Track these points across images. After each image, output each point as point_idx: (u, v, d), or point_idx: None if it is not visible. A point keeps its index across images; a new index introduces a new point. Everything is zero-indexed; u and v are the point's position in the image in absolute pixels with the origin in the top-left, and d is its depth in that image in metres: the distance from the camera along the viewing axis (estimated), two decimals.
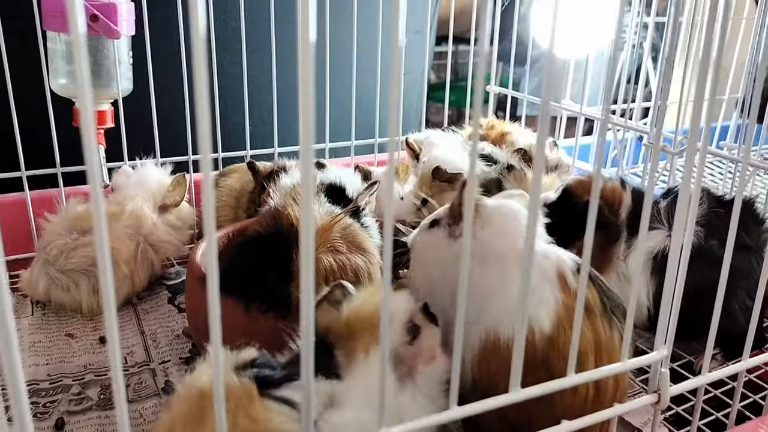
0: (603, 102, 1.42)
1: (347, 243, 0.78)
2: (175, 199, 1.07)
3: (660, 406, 0.55)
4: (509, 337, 0.57)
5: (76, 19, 0.33)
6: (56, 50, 1.08)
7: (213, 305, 0.39)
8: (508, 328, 0.58)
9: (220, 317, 0.75)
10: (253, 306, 0.74)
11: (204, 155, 0.36)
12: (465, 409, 0.46)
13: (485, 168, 1.13)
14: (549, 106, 0.44)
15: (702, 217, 0.84)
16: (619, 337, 0.59)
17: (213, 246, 0.39)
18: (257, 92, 1.29)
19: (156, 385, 0.83)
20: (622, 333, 0.56)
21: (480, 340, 0.59)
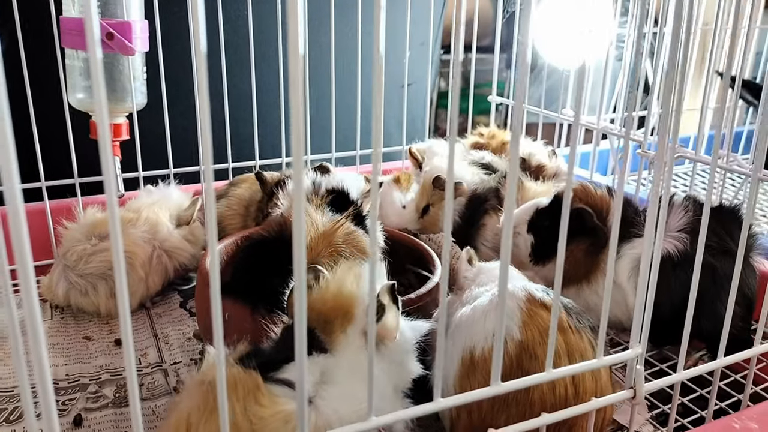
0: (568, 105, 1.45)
1: (350, 247, 0.82)
2: (188, 216, 1.12)
3: (636, 401, 0.59)
4: (483, 348, 0.63)
5: (93, 40, 0.38)
6: (74, 66, 1.14)
7: (215, 306, 0.44)
8: (482, 342, 0.64)
9: (227, 317, 0.80)
10: (259, 308, 0.79)
11: (206, 163, 0.41)
12: (447, 401, 0.50)
13: (484, 176, 1.17)
14: (522, 110, 0.48)
15: (688, 224, 0.87)
16: (588, 341, 0.64)
17: (215, 253, 0.43)
18: (266, 104, 1.34)
19: (168, 385, 0.87)
20: (591, 339, 0.62)
21: (461, 360, 0.65)
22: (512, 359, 0.62)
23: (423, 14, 1.46)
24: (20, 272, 0.38)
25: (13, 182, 0.36)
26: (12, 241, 0.37)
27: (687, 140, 1.57)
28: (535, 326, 0.63)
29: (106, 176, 0.39)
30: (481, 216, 1.11)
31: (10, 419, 0.80)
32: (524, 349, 0.62)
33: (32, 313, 0.39)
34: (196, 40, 0.38)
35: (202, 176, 1.22)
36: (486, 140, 1.36)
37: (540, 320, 0.64)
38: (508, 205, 0.49)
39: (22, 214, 0.37)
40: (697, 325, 0.85)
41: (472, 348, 0.64)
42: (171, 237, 1.08)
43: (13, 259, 0.36)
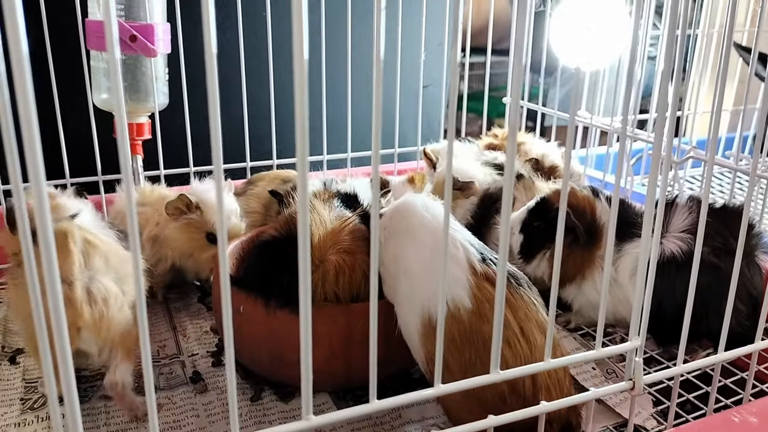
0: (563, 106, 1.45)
1: (357, 244, 0.84)
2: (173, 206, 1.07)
3: (635, 393, 0.60)
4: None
5: (113, 45, 0.40)
6: (98, 68, 1.18)
7: (225, 303, 0.46)
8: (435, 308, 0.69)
9: (241, 311, 0.82)
10: (271, 302, 0.82)
11: (216, 162, 0.43)
12: (447, 387, 0.52)
13: (497, 177, 1.18)
14: (518, 107, 0.49)
15: (692, 225, 0.88)
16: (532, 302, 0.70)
17: (224, 253, 0.46)
18: (284, 103, 1.37)
19: (185, 375, 0.90)
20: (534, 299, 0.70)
21: (421, 320, 0.71)
22: (467, 325, 0.68)
23: (439, 15, 1.49)
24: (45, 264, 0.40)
25: (39, 179, 0.39)
26: (39, 234, 0.40)
27: (703, 143, 1.57)
28: (483, 296, 0.69)
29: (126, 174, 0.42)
30: (492, 215, 1.12)
31: (34, 407, 0.83)
32: (477, 316, 0.68)
33: (56, 306, 0.41)
34: (207, 41, 0.41)
35: (215, 174, 1.25)
36: (500, 141, 1.38)
37: (485, 290, 0.69)
38: (505, 199, 0.51)
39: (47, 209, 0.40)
40: (705, 324, 0.86)
41: (429, 313, 0.70)
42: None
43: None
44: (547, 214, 0.94)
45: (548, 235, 0.93)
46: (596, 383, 0.87)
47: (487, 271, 0.70)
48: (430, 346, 0.69)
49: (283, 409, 0.84)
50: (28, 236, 0.41)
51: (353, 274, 0.82)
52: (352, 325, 0.81)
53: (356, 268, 0.83)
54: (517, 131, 0.50)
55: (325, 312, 0.80)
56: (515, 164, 1.23)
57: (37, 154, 0.39)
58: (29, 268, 0.41)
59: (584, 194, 0.94)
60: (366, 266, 0.84)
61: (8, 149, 0.39)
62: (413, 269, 0.73)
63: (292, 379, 0.85)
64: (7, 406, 0.83)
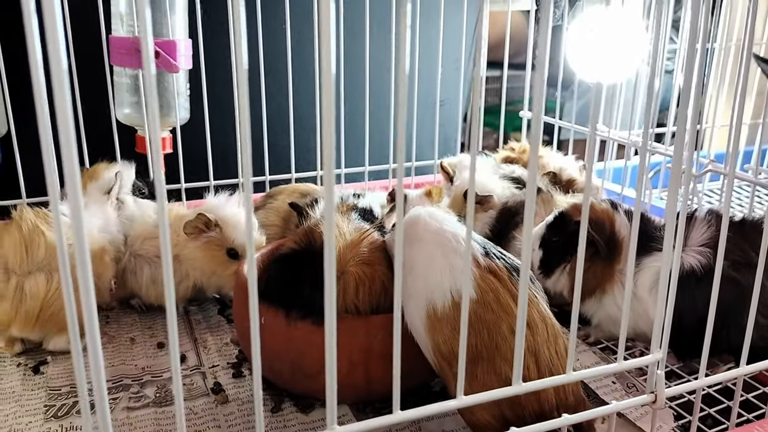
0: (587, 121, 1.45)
1: (376, 256, 0.85)
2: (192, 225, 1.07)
3: (656, 406, 0.60)
4: (444, 305, 0.72)
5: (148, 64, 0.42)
6: (121, 83, 1.20)
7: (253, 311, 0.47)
8: (441, 299, 0.72)
9: (262, 322, 0.83)
10: (292, 313, 0.82)
11: (246, 175, 0.44)
12: (468, 399, 0.52)
13: (515, 191, 1.19)
14: (541, 123, 0.50)
15: (711, 239, 0.88)
16: (533, 295, 0.72)
17: (252, 262, 0.47)
18: (302, 117, 1.39)
19: (206, 386, 0.91)
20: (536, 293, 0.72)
21: (426, 312, 0.74)
22: (472, 314, 0.69)
23: (456, 32, 1.50)
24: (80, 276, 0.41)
25: (76, 192, 0.40)
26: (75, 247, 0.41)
27: (722, 156, 1.57)
28: (486, 285, 0.71)
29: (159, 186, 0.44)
30: (511, 229, 1.12)
31: (58, 415, 0.84)
32: (482, 305, 0.70)
33: (90, 316, 0.42)
34: (238, 55, 0.42)
35: (241, 187, 1.27)
36: (517, 155, 1.39)
37: (489, 281, 0.72)
38: (527, 213, 0.52)
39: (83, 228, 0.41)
40: (725, 338, 0.86)
41: (433, 304, 0.73)
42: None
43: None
44: (566, 228, 0.94)
45: (567, 250, 0.93)
46: (617, 397, 0.87)
47: (490, 263, 0.74)
48: (436, 336, 0.72)
49: (304, 420, 0.84)
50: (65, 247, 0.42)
51: (373, 286, 0.83)
52: (372, 337, 0.81)
53: (376, 280, 0.83)
54: (539, 145, 0.50)
55: (345, 324, 0.81)
56: None
57: (75, 168, 0.41)
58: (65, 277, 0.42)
59: (603, 207, 0.94)
60: (385, 277, 0.84)
61: (47, 163, 0.40)
62: (417, 267, 0.76)
63: (312, 390, 0.86)
64: (31, 416, 0.84)
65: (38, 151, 0.41)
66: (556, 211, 0.98)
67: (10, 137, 1.13)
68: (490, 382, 0.67)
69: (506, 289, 0.71)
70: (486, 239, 0.80)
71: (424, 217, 0.80)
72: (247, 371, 0.94)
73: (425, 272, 0.75)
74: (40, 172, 1.14)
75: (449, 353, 0.71)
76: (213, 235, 1.03)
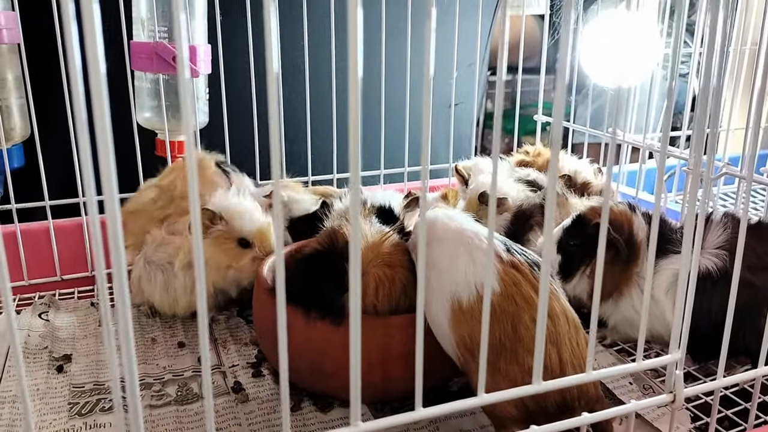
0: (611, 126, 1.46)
1: (397, 258, 0.86)
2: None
3: (675, 406, 0.61)
4: (469, 299, 0.74)
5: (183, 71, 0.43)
6: (142, 87, 1.22)
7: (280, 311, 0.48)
8: (466, 293, 0.74)
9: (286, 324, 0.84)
10: (311, 314, 0.84)
11: (276, 178, 0.46)
12: (491, 396, 0.53)
13: (529, 193, 1.19)
14: (560, 125, 0.51)
15: (727, 242, 0.88)
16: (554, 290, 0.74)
17: (281, 263, 0.48)
18: (319, 121, 1.41)
19: (226, 385, 0.92)
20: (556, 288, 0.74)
21: (450, 306, 0.75)
22: (495, 306, 0.72)
23: (471, 35, 1.51)
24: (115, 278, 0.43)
25: (113, 195, 0.42)
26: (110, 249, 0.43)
27: (736, 159, 1.57)
28: (509, 279, 0.73)
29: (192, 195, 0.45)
30: (526, 231, 1.13)
31: (81, 412, 0.86)
32: (505, 298, 0.72)
33: (125, 316, 0.44)
34: (269, 59, 0.44)
35: (275, 190, 1.29)
36: (532, 158, 1.39)
37: (511, 274, 0.74)
38: (547, 217, 0.53)
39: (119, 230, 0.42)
40: (742, 340, 0.86)
41: (458, 298, 0.74)
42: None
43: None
44: (585, 231, 0.94)
45: (587, 253, 0.94)
46: (633, 398, 0.87)
47: (512, 258, 0.76)
48: (461, 331, 0.74)
49: (323, 419, 0.85)
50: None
51: (393, 287, 0.84)
52: (390, 338, 0.82)
53: (396, 281, 0.85)
54: (559, 149, 0.51)
55: (364, 324, 0.80)
56: (546, 181, 1.25)
57: (111, 170, 0.42)
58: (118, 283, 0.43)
59: (621, 210, 0.95)
60: (405, 279, 0.86)
61: (84, 165, 0.42)
62: (441, 264, 0.77)
63: (331, 389, 0.87)
64: (55, 413, 0.86)
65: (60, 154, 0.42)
66: (574, 214, 0.98)
67: (32, 140, 1.15)
68: (513, 373, 0.69)
69: (528, 282, 0.73)
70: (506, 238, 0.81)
71: (442, 218, 0.82)
72: (266, 371, 0.96)
73: (449, 268, 0.76)
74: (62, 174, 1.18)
75: (474, 346, 0.72)
76: (220, 229, 1.03)
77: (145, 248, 1.10)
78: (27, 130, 1.17)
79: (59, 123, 1.17)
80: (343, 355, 0.85)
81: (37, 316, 1.11)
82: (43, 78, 1.20)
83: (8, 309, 0.44)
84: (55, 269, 1.23)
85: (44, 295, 1.18)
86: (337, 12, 1.30)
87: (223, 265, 1.05)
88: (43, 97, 1.20)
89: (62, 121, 1.13)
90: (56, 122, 1.21)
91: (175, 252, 1.06)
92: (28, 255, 1.20)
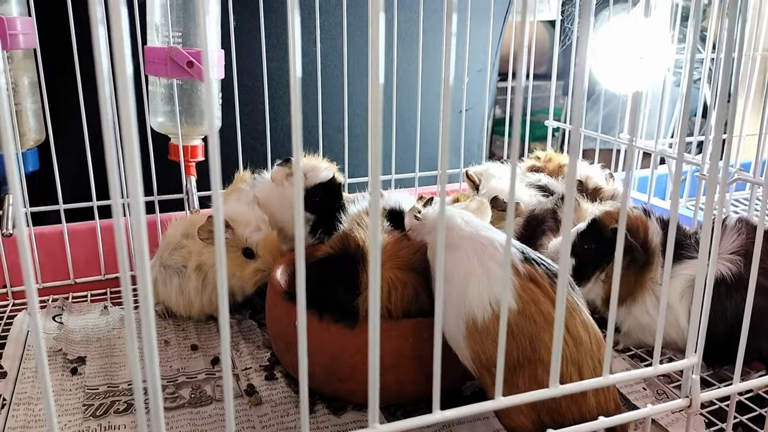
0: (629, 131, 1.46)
1: (409, 261, 0.86)
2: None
3: (691, 411, 0.61)
4: (483, 317, 0.71)
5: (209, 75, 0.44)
6: (156, 92, 1.23)
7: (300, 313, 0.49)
8: (481, 311, 0.71)
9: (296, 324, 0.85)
10: (325, 316, 0.84)
11: (297, 184, 0.46)
12: (507, 400, 0.53)
13: (541, 198, 1.19)
14: (579, 133, 0.51)
15: (741, 247, 0.88)
16: (575, 302, 0.71)
17: (301, 268, 0.49)
18: (332, 127, 1.41)
19: (239, 388, 0.93)
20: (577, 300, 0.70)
21: (465, 323, 0.73)
22: (513, 326, 0.69)
23: (480, 41, 1.52)
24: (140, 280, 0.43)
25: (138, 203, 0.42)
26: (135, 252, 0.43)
27: (748, 165, 1.57)
28: (528, 296, 0.70)
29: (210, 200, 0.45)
30: (538, 237, 1.13)
31: (96, 414, 0.86)
32: (524, 317, 0.69)
33: (148, 319, 0.44)
34: (292, 65, 0.44)
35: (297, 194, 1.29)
36: (543, 163, 1.39)
37: (530, 290, 0.70)
38: (565, 223, 0.53)
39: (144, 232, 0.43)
40: (756, 346, 0.86)
41: (473, 317, 0.71)
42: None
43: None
44: (600, 236, 0.94)
45: (602, 257, 0.93)
46: (647, 403, 0.87)
47: (531, 271, 0.72)
48: (477, 348, 0.71)
49: (336, 422, 0.86)
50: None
51: (405, 290, 0.84)
52: (403, 341, 0.83)
53: (408, 285, 0.85)
54: (578, 155, 0.52)
55: None
56: (558, 186, 1.25)
57: (136, 172, 0.42)
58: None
59: (637, 214, 0.94)
60: (417, 282, 0.86)
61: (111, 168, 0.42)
62: (455, 279, 0.75)
63: (344, 393, 0.87)
64: (70, 415, 0.86)
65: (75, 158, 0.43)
66: (589, 218, 0.98)
67: (46, 144, 1.16)
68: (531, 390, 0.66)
69: (548, 298, 0.70)
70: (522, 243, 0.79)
71: (459, 223, 0.80)
72: (280, 374, 0.96)
73: (463, 285, 0.73)
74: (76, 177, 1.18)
75: (490, 363, 0.70)
76: (227, 237, 1.04)
77: (161, 252, 1.10)
78: (42, 134, 1.18)
79: (73, 128, 1.18)
80: (357, 359, 0.86)
81: (51, 319, 1.12)
82: (57, 82, 1.21)
83: (34, 312, 0.44)
84: (68, 272, 1.23)
85: (57, 298, 1.19)
86: (349, 19, 1.31)
87: (228, 274, 1.05)
88: (58, 103, 1.21)
89: (76, 126, 1.14)
90: (70, 126, 1.22)
91: (189, 255, 1.07)
92: (42, 258, 1.21)
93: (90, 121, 1.15)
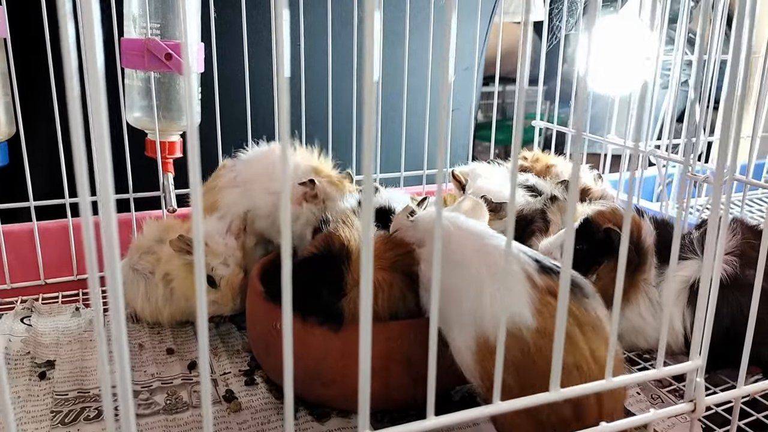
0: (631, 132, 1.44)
1: (395, 262, 0.83)
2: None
3: (696, 415, 0.58)
4: (495, 337, 0.62)
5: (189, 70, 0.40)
6: (133, 86, 1.18)
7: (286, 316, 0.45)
8: (491, 330, 0.65)
9: (277, 326, 0.81)
10: (309, 319, 0.80)
11: (285, 183, 0.42)
12: (506, 404, 0.50)
13: (530, 199, 1.17)
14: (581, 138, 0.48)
15: (736, 248, 0.86)
16: (597, 317, 0.65)
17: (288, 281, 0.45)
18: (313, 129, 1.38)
19: (218, 394, 0.88)
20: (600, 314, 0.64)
21: (475, 341, 0.66)
22: (530, 345, 0.62)
23: (467, 40, 1.49)
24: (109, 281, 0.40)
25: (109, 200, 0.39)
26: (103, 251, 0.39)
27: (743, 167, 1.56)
28: (548, 311, 0.63)
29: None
30: (527, 237, 1.11)
31: (65, 421, 0.82)
32: (542, 336, 0.62)
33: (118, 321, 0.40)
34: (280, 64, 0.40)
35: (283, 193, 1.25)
36: (530, 163, 1.37)
37: (549, 305, 0.63)
38: (568, 223, 0.50)
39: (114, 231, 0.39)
40: (755, 350, 0.84)
41: (485, 337, 0.65)
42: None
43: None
44: (592, 236, 0.91)
45: (595, 258, 0.91)
46: (642, 408, 0.85)
47: (549, 283, 0.65)
48: (487, 366, 0.65)
49: (320, 429, 0.82)
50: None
51: (391, 292, 0.81)
52: (391, 343, 0.79)
53: (394, 286, 0.81)
54: (580, 159, 0.49)
55: None
56: (546, 186, 1.23)
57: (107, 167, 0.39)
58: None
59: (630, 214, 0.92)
60: (403, 284, 0.82)
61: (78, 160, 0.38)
62: (465, 297, 0.69)
63: (328, 398, 0.84)
64: (37, 422, 0.82)
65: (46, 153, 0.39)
66: (581, 218, 0.95)
67: (17, 138, 1.11)
68: (542, 418, 0.62)
69: (571, 314, 0.62)
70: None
71: (455, 234, 0.74)
72: (260, 378, 0.92)
73: (474, 303, 0.67)
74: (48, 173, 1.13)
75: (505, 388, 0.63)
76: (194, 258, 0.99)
77: (131, 253, 1.06)
78: (12, 128, 1.13)
79: (45, 121, 1.14)
80: (342, 363, 0.82)
81: (19, 321, 1.06)
82: (29, 75, 1.16)
83: None
84: (38, 272, 1.18)
85: (27, 299, 1.14)
86: (333, 16, 1.28)
87: (190, 296, 1.00)
88: (29, 95, 1.16)
89: (48, 120, 1.10)
90: (42, 121, 1.17)
91: (157, 263, 1.02)
92: (11, 258, 1.16)
93: (62, 115, 1.10)
